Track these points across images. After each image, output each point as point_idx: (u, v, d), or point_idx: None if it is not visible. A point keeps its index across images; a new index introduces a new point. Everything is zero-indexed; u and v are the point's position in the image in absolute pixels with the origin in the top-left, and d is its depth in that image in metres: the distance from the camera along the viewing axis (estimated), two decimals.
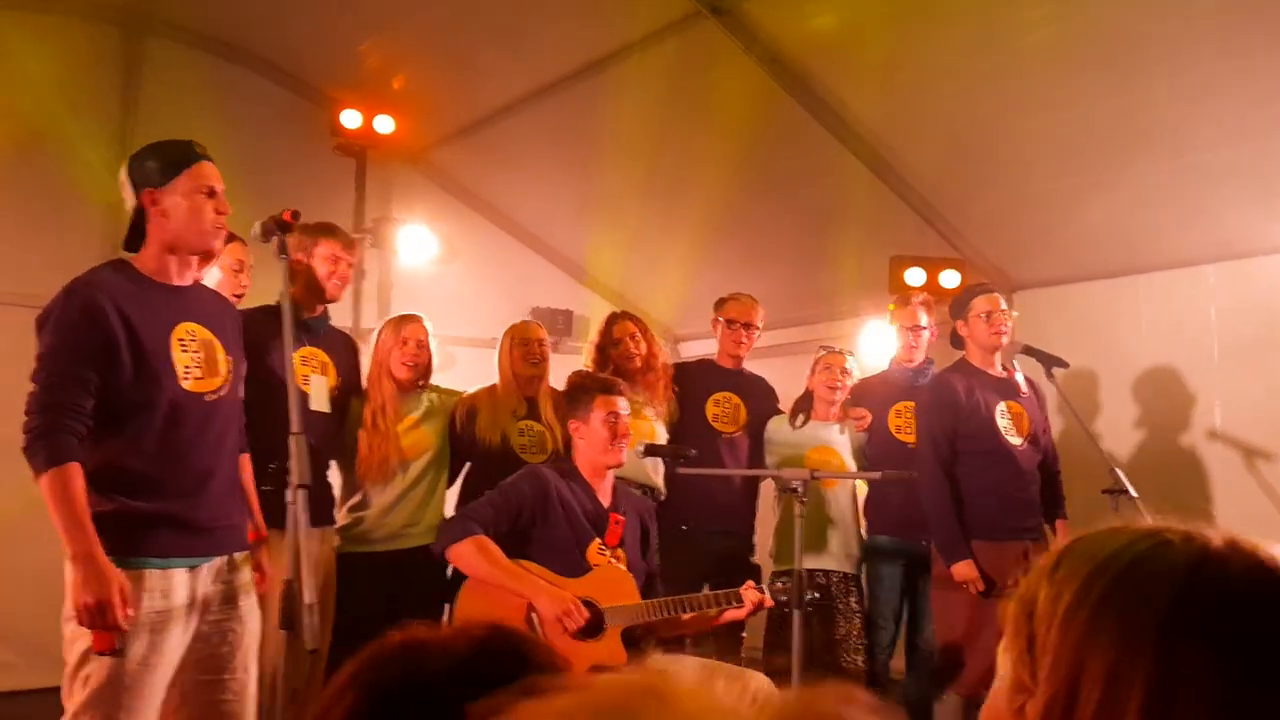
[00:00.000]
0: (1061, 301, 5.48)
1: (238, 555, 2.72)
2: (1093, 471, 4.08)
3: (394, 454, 3.88)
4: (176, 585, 2.54)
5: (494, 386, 4.22)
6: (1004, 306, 4.09)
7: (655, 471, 4.30)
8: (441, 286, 6.64)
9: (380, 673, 0.91)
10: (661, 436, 4.28)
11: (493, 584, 3.31)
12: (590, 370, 4.46)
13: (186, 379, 2.60)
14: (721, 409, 4.54)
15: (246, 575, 2.75)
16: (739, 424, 4.54)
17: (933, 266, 5.43)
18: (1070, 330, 5.23)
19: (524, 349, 4.18)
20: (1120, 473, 3.78)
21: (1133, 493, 3.71)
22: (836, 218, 5.66)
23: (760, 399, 4.65)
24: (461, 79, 6.10)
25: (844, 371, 4.47)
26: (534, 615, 3.29)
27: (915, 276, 5.41)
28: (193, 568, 2.58)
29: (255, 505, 2.96)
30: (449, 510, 4.13)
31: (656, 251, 6.60)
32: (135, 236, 2.66)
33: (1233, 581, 0.76)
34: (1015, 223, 5.44)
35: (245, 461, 2.92)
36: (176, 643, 2.54)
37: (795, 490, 3.22)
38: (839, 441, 4.46)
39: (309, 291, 3.69)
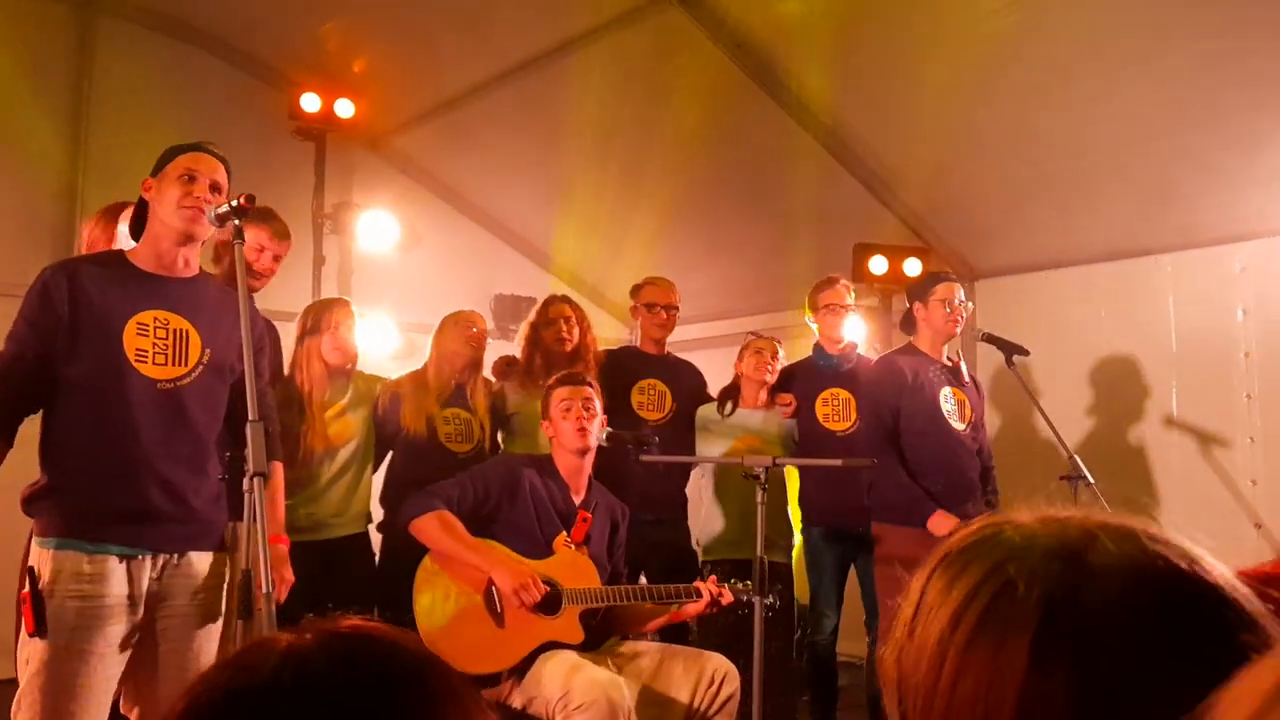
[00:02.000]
0: (1022, 290, 5.54)
1: (195, 553, 2.66)
2: (1051, 458, 4.13)
3: (320, 442, 3.80)
4: (109, 573, 2.49)
5: (419, 372, 4.16)
6: (963, 298, 4.12)
7: None
8: (403, 273, 6.59)
9: (206, 686, 0.81)
10: None
11: (453, 557, 3.36)
12: (519, 355, 4.43)
13: (141, 361, 2.57)
14: (647, 396, 4.52)
15: (208, 573, 2.69)
16: (665, 410, 4.52)
17: (896, 254, 5.46)
18: (1031, 318, 5.29)
19: (464, 331, 4.13)
20: (1078, 459, 3.82)
21: (1090, 479, 3.75)
22: (800, 205, 5.66)
23: (687, 386, 4.62)
24: (424, 63, 6.04)
25: (773, 357, 4.48)
26: (493, 589, 3.34)
27: (879, 264, 5.44)
28: (130, 557, 2.53)
29: (279, 512, 2.96)
30: (375, 502, 4.10)
31: (620, 238, 6.57)
32: (138, 226, 2.71)
33: (1097, 586, 0.70)
34: (977, 211, 5.48)
35: (276, 469, 2.94)
36: (117, 635, 2.50)
37: (757, 477, 3.21)
38: (764, 428, 4.45)
39: (229, 278, 3.61)
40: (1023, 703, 0.68)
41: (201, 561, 2.67)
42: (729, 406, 4.48)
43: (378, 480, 4.13)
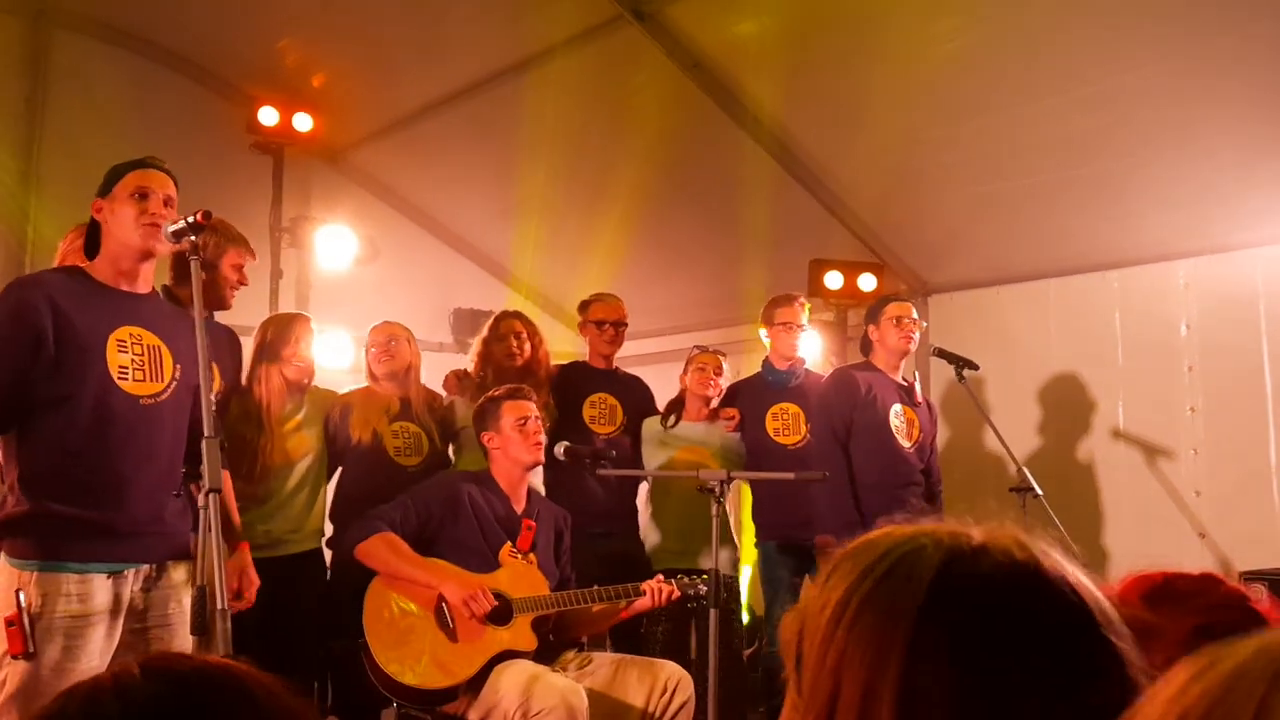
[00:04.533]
0: (973, 305, 5.63)
1: (170, 563, 2.67)
2: (1001, 470, 4.21)
3: (278, 456, 3.78)
4: (96, 590, 2.50)
5: (368, 387, 4.18)
6: (915, 316, 4.21)
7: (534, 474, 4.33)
8: (361, 287, 6.57)
9: None
10: None
11: (401, 577, 3.37)
12: (469, 370, 4.45)
13: (124, 379, 2.57)
14: (598, 410, 4.56)
15: (179, 583, 2.69)
16: (616, 424, 4.56)
17: (850, 270, 5.53)
18: (981, 333, 5.37)
19: (376, 351, 4.14)
20: (1027, 471, 3.91)
21: (1038, 490, 3.84)
22: (756, 221, 5.72)
23: (636, 399, 4.68)
24: (382, 78, 6.05)
25: (717, 371, 4.53)
26: (444, 605, 3.36)
27: (834, 280, 5.51)
28: (114, 573, 2.54)
29: (234, 515, 2.96)
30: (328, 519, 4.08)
31: (579, 253, 6.60)
32: (92, 246, 2.69)
33: (971, 586, 0.74)
34: (930, 228, 5.57)
35: (226, 477, 2.88)
36: (97, 649, 2.50)
37: (713, 491, 3.25)
38: (706, 441, 4.50)
39: (208, 295, 3.61)
40: (903, 684, 0.70)
41: (178, 571, 2.69)
42: (672, 418, 4.53)
43: (329, 495, 4.12)
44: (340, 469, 4.10)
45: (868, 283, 5.50)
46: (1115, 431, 5.05)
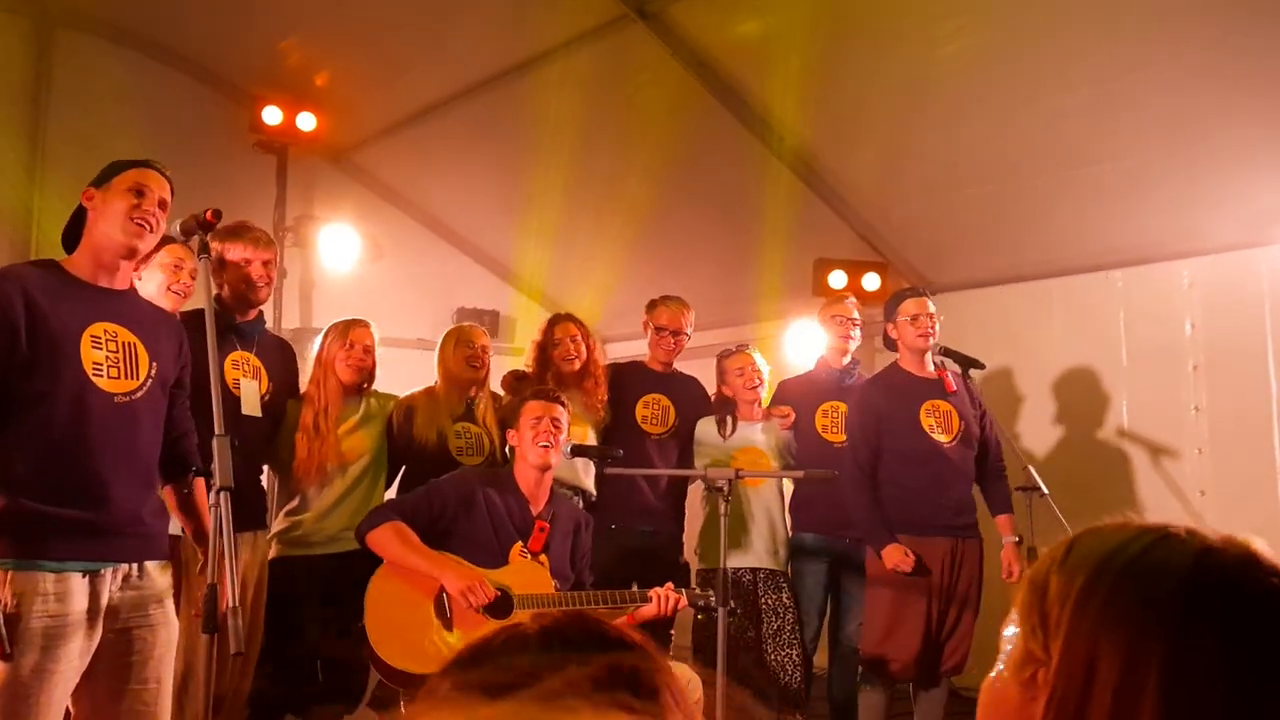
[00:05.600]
0: (978, 304, 5.63)
1: (151, 563, 2.64)
2: (1009, 469, 4.21)
3: (333, 457, 3.84)
4: (73, 590, 2.45)
5: (432, 388, 4.20)
6: (931, 309, 4.20)
7: (586, 473, 4.34)
8: (365, 286, 6.58)
9: None
10: (591, 440, 4.31)
11: (406, 566, 3.41)
12: (526, 370, 4.49)
13: (98, 375, 2.54)
14: (651, 410, 4.57)
15: (161, 583, 2.68)
16: (668, 426, 4.57)
17: (855, 269, 5.54)
18: (986, 332, 5.37)
19: (466, 351, 4.17)
20: (1033, 470, 3.90)
21: (1044, 490, 3.84)
22: (761, 220, 5.73)
23: (691, 401, 4.67)
24: (386, 77, 6.05)
25: (755, 369, 4.51)
26: (445, 596, 3.39)
27: (838, 279, 5.52)
28: (92, 573, 2.50)
29: (206, 522, 2.90)
30: None
31: (583, 252, 6.61)
32: (71, 237, 2.64)
33: (1231, 572, 0.83)
34: (934, 227, 5.57)
35: (199, 484, 2.87)
36: (77, 650, 2.45)
37: (721, 489, 3.26)
38: (763, 441, 4.50)
39: (235, 295, 3.64)
40: (1170, 658, 0.79)
41: (156, 571, 2.66)
42: (729, 426, 4.50)
43: (391, 496, 4.15)
44: (404, 469, 4.12)
45: (872, 282, 5.50)
46: (1120, 431, 5.05)
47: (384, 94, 6.23)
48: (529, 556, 3.53)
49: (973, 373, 4.23)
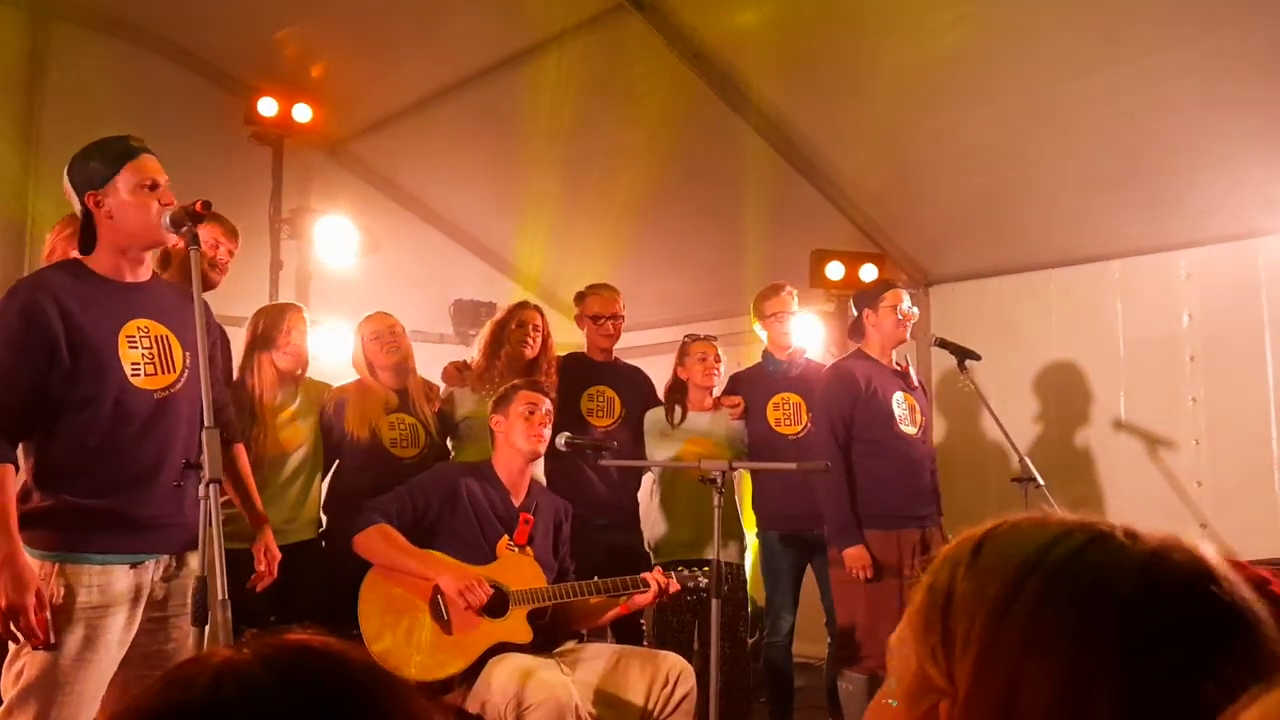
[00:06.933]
0: (975, 295, 5.62)
1: (189, 554, 2.66)
2: (1002, 460, 4.21)
3: (271, 447, 3.79)
4: (116, 581, 2.51)
5: (362, 380, 4.15)
6: (910, 304, 4.21)
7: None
8: (361, 278, 6.56)
9: (139, 706, 0.72)
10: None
11: (397, 568, 3.39)
12: (468, 361, 4.44)
13: (136, 375, 2.56)
14: (596, 403, 4.53)
15: (196, 573, 2.70)
16: (614, 417, 4.53)
17: (852, 261, 5.53)
18: (983, 323, 5.37)
19: (378, 341, 4.12)
20: (1029, 461, 3.90)
21: (1040, 481, 3.83)
22: (757, 211, 5.71)
23: (634, 390, 4.64)
24: (382, 69, 6.03)
25: (717, 359, 4.49)
26: (439, 596, 3.36)
27: (835, 270, 5.51)
28: (136, 564, 2.55)
29: (255, 494, 3.00)
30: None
31: (579, 244, 6.59)
32: (88, 239, 2.61)
33: (1186, 585, 0.70)
34: (931, 218, 5.56)
35: (240, 451, 2.99)
36: (116, 639, 2.50)
37: (714, 481, 3.25)
38: (712, 430, 4.47)
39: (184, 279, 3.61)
40: (1119, 675, 0.67)
41: (194, 561, 2.68)
42: (678, 413, 4.48)
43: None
44: (338, 461, 4.08)
45: (869, 273, 5.49)
46: (1117, 422, 5.04)
47: (380, 85, 6.21)
48: (515, 549, 3.52)
49: (969, 363, 4.23)
